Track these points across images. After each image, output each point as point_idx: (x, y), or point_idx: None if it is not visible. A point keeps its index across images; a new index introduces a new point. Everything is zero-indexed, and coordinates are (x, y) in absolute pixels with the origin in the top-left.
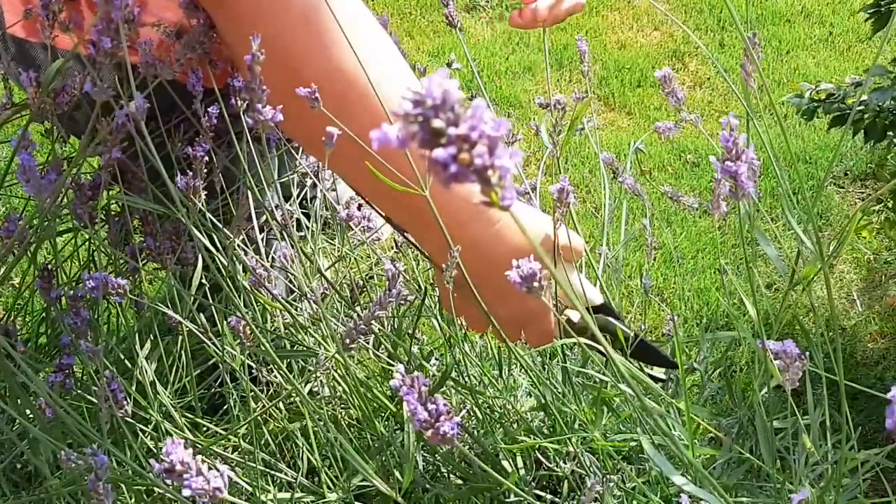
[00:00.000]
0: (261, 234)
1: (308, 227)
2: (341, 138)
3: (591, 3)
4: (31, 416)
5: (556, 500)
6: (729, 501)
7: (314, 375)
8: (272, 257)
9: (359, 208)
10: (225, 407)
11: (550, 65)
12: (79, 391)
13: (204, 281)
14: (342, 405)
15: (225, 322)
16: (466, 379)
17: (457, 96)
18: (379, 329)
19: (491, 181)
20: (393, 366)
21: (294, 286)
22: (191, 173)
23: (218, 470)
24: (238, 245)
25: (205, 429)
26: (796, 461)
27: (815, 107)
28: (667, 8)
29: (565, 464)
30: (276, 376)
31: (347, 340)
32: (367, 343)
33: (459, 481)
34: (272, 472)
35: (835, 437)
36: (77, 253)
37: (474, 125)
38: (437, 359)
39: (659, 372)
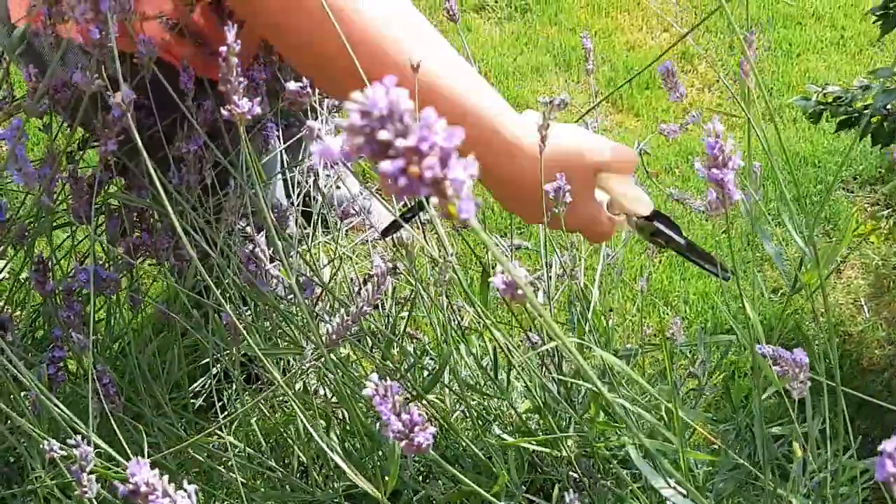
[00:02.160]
0: (259, 231)
1: (303, 226)
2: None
3: (600, 5)
4: (22, 410)
5: (544, 502)
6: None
7: (301, 372)
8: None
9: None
10: (221, 404)
11: (558, 66)
12: (72, 386)
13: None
14: (336, 405)
15: (218, 318)
16: (461, 379)
17: (406, 106)
18: (374, 327)
19: (447, 193)
20: (386, 365)
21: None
22: (184, 169)
23: (185, 490)
24: (229, 241)
25: (196, 424)
26: (796, 469)
27: (822, 110)
28: (677, 10)
29: (561, 468)
30: (268, 374)
31: (334, 337)
32: (360, 342)
33: (451, 483)
34: (262, 470)
35: (837, 445)
36: (74, 250)
37: (424, 136)
38: (432, 358)
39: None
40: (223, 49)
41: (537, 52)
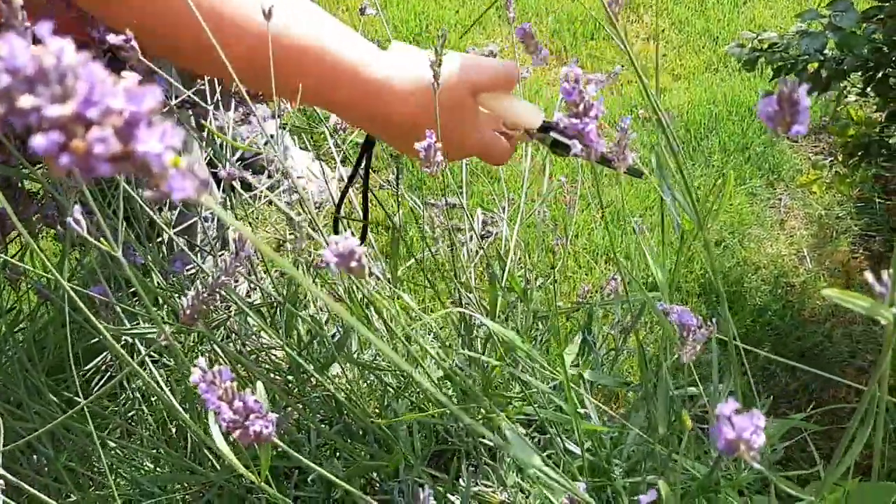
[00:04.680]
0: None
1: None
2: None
3: None
4: None
5: (446, 475)
6: (572, 489)
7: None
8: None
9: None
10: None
11: (501, 17)
12: None
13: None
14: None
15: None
16: (373, 349)
17: (69, 61)
18: (274, 297)
19: (151, 170)
20: (289, 337)
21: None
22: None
23: None
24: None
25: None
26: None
27: (757, 57)
28: None
29: (469, 439)
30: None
31: (189, 312)
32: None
33: (353, 460)
34: (149, 451)
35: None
36: None
37: (92, 99)
38: (340, 327)
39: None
40: None
41: (479, 4)
